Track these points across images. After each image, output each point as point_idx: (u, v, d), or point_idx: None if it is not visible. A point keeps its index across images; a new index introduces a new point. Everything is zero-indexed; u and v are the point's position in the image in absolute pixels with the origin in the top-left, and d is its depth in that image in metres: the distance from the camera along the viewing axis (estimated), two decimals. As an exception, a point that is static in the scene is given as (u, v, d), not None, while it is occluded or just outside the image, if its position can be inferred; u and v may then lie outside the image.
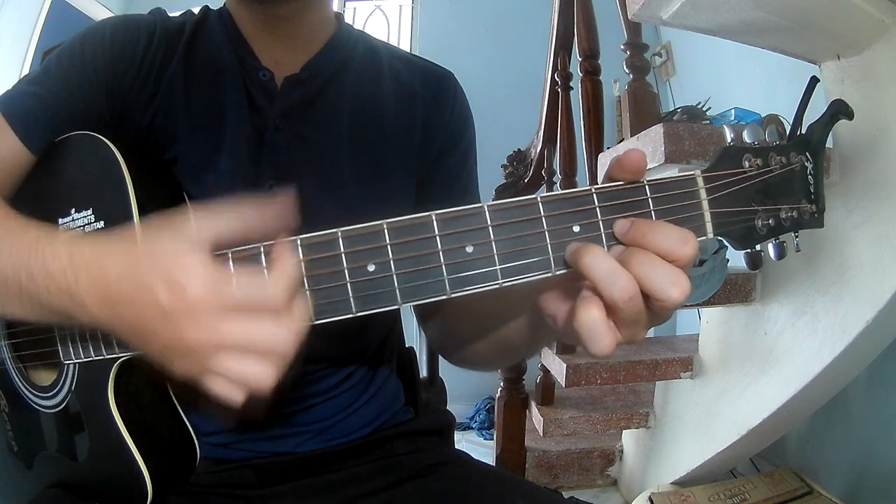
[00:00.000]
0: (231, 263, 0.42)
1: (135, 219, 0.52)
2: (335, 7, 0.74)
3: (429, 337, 0.74)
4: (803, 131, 0.42)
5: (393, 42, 3.21)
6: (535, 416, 1.78)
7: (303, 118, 0.66)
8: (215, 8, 0.70)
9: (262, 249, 0.41)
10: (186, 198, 0.62)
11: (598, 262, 0.37)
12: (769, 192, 0.41)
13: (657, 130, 1.09)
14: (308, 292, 0.40)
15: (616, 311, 0.38)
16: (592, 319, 0.38)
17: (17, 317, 0.47)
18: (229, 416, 0.39)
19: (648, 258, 0.37)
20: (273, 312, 0.37)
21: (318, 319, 0.40)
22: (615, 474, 1.93)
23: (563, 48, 1.89)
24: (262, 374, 0.37)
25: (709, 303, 1.33)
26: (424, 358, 0.96)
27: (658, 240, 0.37)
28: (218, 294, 0.37)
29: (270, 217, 0.40)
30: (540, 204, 0.39)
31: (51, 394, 0.59)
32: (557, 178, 1.88)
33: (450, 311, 0.68)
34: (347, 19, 0.76)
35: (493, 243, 0.39)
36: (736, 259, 1.09)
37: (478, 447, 2.60)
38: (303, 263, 0.40)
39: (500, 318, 0.55)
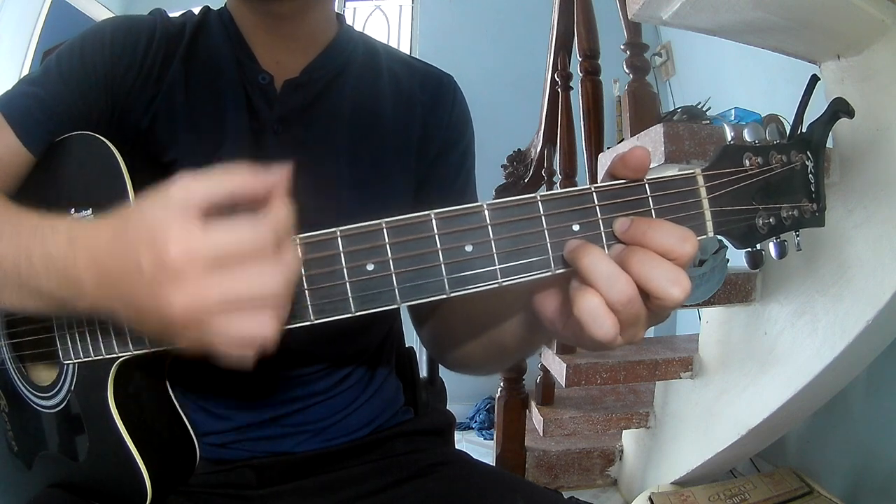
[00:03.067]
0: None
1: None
2: (335, 8, 0.74)
3: (424, 342, 0.74)
4: (804, 130, 0.42)
5: (393, 42, 3.21)
6: (535, 416, 1.78)
7: (301, 123, 0.66)
8: (215, 8, 0.69)
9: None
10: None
11: (598, 264, 0.37)
12: (770, 191, 0.41)
13: (657, 130, 1.09)
14: (307, 292, 0.40)
15: (615, 313, 0.37)
16: (593, 305, 0.37)
17: (15, 307, 0.46)
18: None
19: (648, 256, 0.37)
20: (259, 260, 0.36)
21: (317, 319, 0.40)
22: (615, 474, 1.93)
23: (563, 48, 1.89)
24: (261, 327, 0.36)
25: (709, 303, 1.33)
26: (424, 358, 0.96)
27: (658, 238, 0.37)
28: (198, 253, 0.35)
29: (265, 183, 0.38)
30: (539, 203, 0.39)
31: (50, 394, 0.59)
32: (557, 178, 1.88)
33: (444, 312, 0.68)
34: (347, 19, 0.76)
35: (493, 242, 0.39)
36: (736, 259, 1.09)
37: (478, 447, 2.60)
38: (301, 262, 0.40)
39: (494, 318, 0.55)
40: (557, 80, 1.89)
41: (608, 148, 1.54)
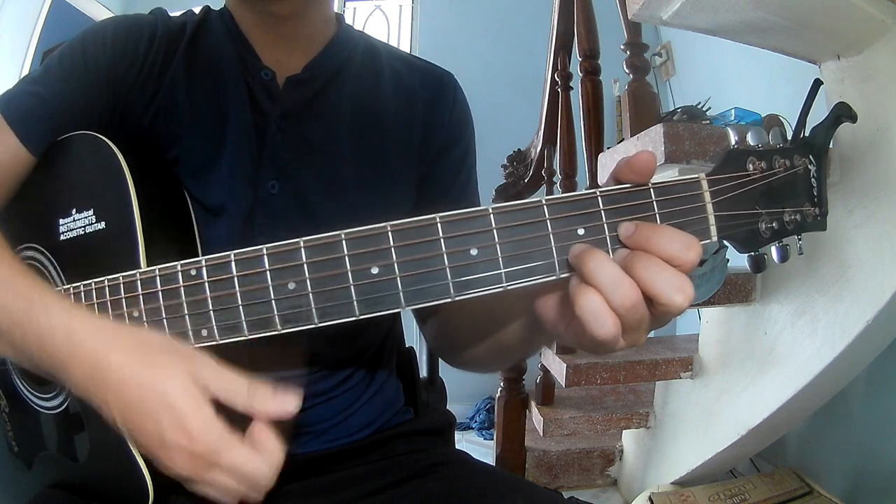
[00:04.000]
0: (234, 265, 0.42)
1: (136, 219, 0.52)
2: (335, 8, 0.74)
3: (427, 339, 0.74)
4: (806, 134, 0.42)
5: (393, 42, 3.21)
6: (535, 416, 1.78)
7: (304, 118, 0.66)
8: (216, 8, 0.70)
9: (264, 251, 0.41)
10: (188, 198, 0.62)
11: (602, 268, 0.37)
12: (773, 195, 0.41)
13: (657, 130, 1.09)
14: (311, 295, 0.40)
15: (618, 317, 0.38)
16: (594, 304, 0.37)
17: (12, 359, 0.50)
18: None
19: (653, 262, 0.37)
20: (252, 477, 0.43)
21: (321, 322, 0.40)
22: (615, 474, 1.93)
23: (563, 48, 1.89)
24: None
25: (709, 303, 1.33)
26: (424, 358, 0.96)
27: (662, 244, 0.37)
28: (212, 444, 0.41)
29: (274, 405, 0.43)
30: (545, 207, 0.39)
31: (51, 395, 0.59)
32: (557, 178, 1.88)
33: (447, 314, 0.68)
34: (347, 19, 0.77)
35: (498, 246, 0.39)
36: (736, 259, 1.09)
37: (478, 447, 2.60)
38: (306, 266, 0.40)
39: (497, 322, 0.55)
40: (557, 80, 1.89)
41: (608, 148, 1.54)
